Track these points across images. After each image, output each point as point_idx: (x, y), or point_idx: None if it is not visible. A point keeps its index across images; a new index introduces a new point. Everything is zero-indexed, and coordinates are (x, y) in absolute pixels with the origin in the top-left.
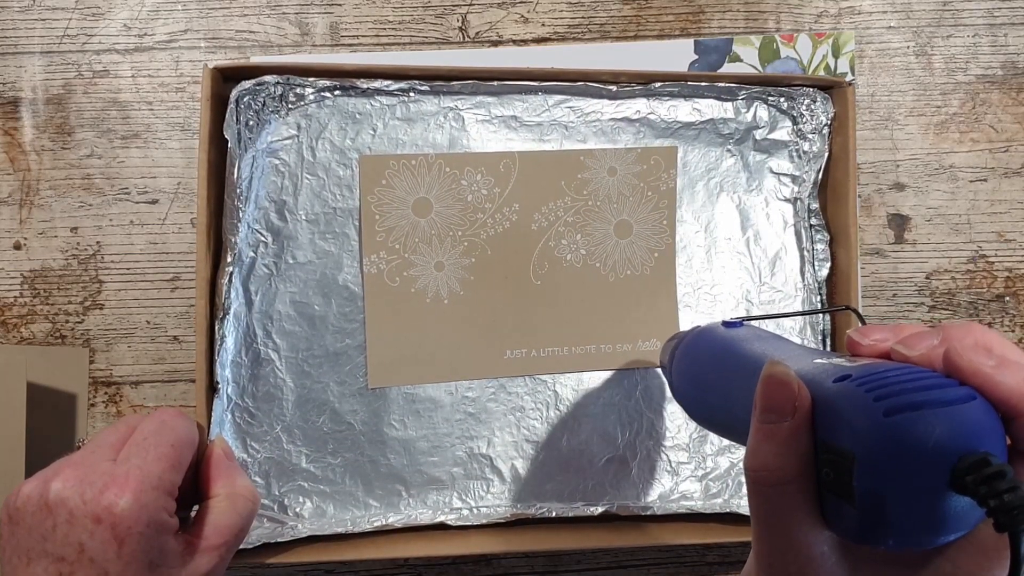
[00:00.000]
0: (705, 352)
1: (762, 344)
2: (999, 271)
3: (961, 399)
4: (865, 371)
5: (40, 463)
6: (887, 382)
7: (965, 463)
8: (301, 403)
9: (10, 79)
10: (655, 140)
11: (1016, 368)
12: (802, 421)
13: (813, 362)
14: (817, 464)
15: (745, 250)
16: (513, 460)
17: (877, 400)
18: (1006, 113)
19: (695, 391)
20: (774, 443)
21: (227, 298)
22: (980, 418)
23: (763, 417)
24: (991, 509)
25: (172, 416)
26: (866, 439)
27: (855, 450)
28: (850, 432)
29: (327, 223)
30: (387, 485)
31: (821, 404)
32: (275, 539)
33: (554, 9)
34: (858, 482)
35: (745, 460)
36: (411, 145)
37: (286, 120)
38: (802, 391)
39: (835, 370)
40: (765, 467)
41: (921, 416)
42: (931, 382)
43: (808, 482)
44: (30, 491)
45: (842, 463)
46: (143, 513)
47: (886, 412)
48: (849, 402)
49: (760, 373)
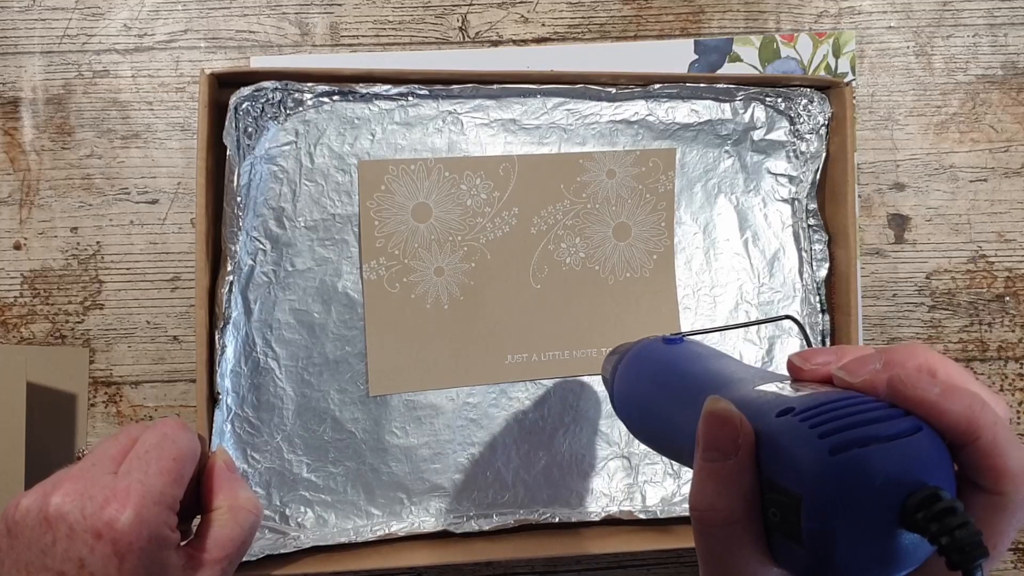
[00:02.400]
0: (645, 371)
1: (703, 364)
2: (999, 271)
3: (907, 431)
4: (808, 403)
5: (40, 463)
6: (831, 416)
7: (914, 500)
8: (301, 412)
9: (10, 79)
10: (653, 142)
11: (961, 394)
12: (746, 459)
13: (755, 390)
14: (763, 503)
15: (743, 251)
16: (515, 466)
17: (822, 437)
18: (1006, 113)
19: (636, 412)
20: (718, 482)
21: (227, 307)
22: (927, 451)
23: (706, 455)
24: (942, 547)
25: (174, 428)
26: (812, 480)
27: (801, 491)
28: (795, 472)
29: (326, 230)
30: (389, 493)
31: (765, 440)
32: (278, 550)
33: (554, 9)
34: (805, 524)
35: (690, 499)
36: (410, 150)
37: (284, 126)
38: (745, 427)
39: (777, 401)
40: (711, 507)
41: (867, 453)
42: (876, 414)
43: (755, 522)
44: (29, 504)
45: (788, 504)
46: (144, 528)
47: (831, 450)
48: (793, 440)
49: (701, 398)
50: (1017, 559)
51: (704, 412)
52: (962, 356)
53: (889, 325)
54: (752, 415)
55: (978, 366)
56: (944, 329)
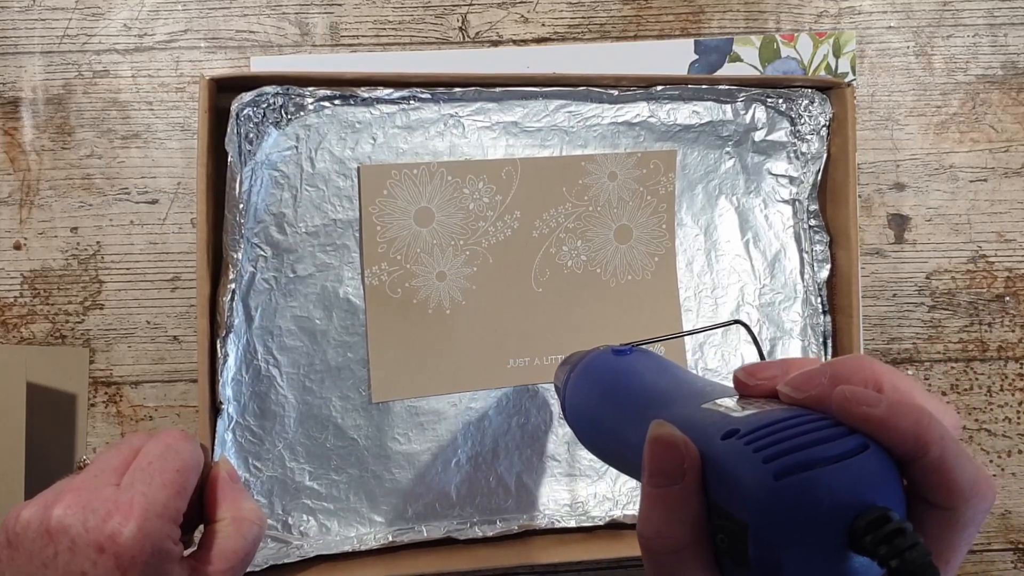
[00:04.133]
0: (595, 384)
1: (651, 378)
2: (999, 271)
3: (853, 451)
4: (752, 424)
5: (40, 463)
6: (775, 439)
7: (862, 522)
8: (303, 419)
9: (10, 79)
10: (655, 143)
11: (908, 409)
12: (692, 484)
13: (701, 408)
14: (711, 528)
15: (744, 253)
16: (518, 471)
17: (766, 461)
18: (1006, 113)
19: (586, 425)
20: (665, 508)
21: (229, 315)
22: (874, 470)
23: (652, 481)
24: (892, 570)
25: (177, 439)
26: (758, 506)
27: (747, 518)
28: (741, 498)
29: (327, 235)
30: (392, 500)
31: (710, 464)
32: (281, 560)
33: (554, 9)
34: (752, 551)
35: (638, 526)
36: (411, 153)
37: (285, 131)
38: (690, 451)
39: (723, 422)
40: (658, 534)
41: (812, 476)
42: (821, 434)
43: (703, 547)
44: (30, 516)
45: (735, 530)
46: (148, 542)
47: (776, 475)
48: (738, 464)
49: (647, 414)
50: (1017, 559)
51: (649, 437)
52: (962, 356)
53: (889, 325)
54: (697, 437)
55: (978, 366)
56: (944, 329)
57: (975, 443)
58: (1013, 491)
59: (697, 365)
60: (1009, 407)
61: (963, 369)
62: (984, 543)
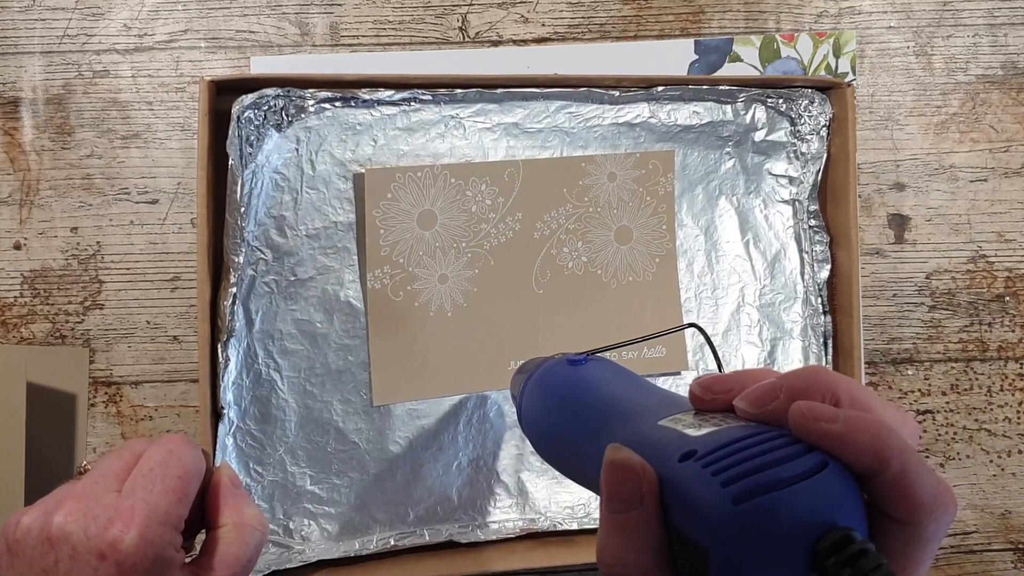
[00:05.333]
0: (550, 395)
1: (607, 390)
2: (999, 271)
3: (812, 470)
4: (710, 444)
5: (40, 463)
6: (733, 460)
7: (825, 543)
8: (304, 423)
9: (10, 79)
10: (655, 144)
11: (866, 424)
12: (651, 509)
13: (657, 425)
14: (672, 554)
15: (745, 253)
16: (520, 473)
17: (725, 485)
18: (1006, 113)
19: (542, 436)
20: (625, 534)
21: (230, 319)
22: (834, 489)
23: (610, 507)
24: None
25: (179, 444)
26: (717, 531)
27: (708, 543)
28: (700, 524)
29: (328, 238)
30: (394, 504)
31: (668, 487)
32: (283, 565)
33: (554, 9)
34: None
35: (597, 553)
36: (412, 155)
37: (286, 134)
38: (648, 476)
39: (680, 442)
40: (619, 561)
41: (773, 499)
42: (779, 453)
43: (664, 572)
44: (30, 523)
45: (696, 556)
46: (149, 549)
47: (735, 499)
48: (696, 488)
49: (603, 429)
50: (1017, 559)
51: (605, 462)
52: (962, 356)
53: (889, 325)
54: (654, 458)
55: (978, 366)
56: (944, 329)
57: (975, 443)
58: (1013, 491)
59: (698, 366)
60: (1009, 407)
61: (963, 369)
62: (984, 543)
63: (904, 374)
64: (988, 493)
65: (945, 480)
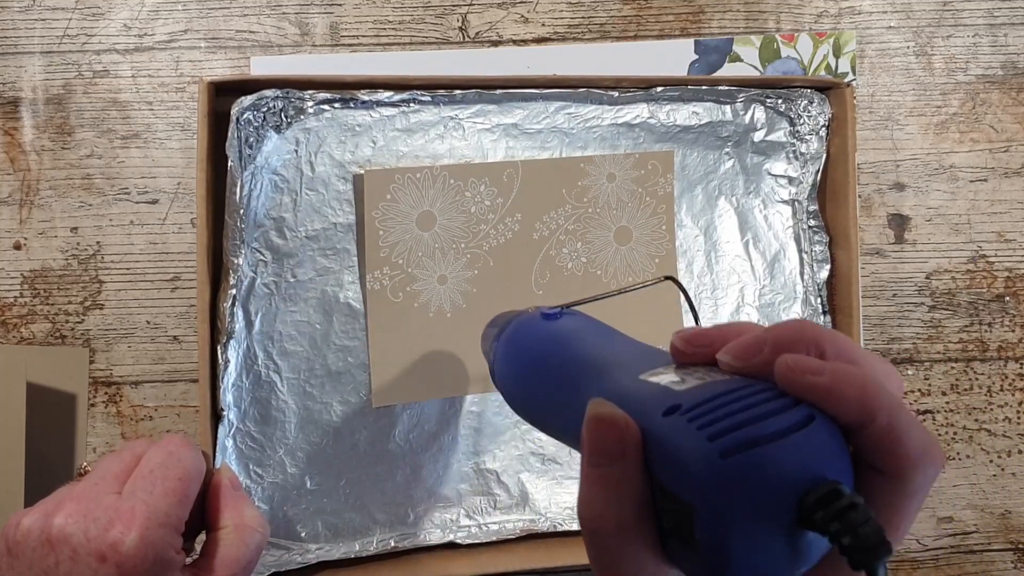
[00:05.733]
0: (524, 350)
1: (583, 345)
2: (999, 271)
3: (799, 424)
4: (695, 398)
5: (40, 463)
6: (720, 414)
7: (812, 498)
8: (304, 425)
9: (10, 79)
10: (655, 144)
11: (852, 377)
12: (634, 464)
13: (639, 379)
14: (656, 509)
15: (744, 253)
16: (519, 474)
17: (711, 439)
18: (1006, 113)
19: (517, 391)
20: (607, 489)
21: (229, 321)
22: (821, 442)
23: (592, 461)
24: (844, 547)
25: (179, 446)
26: (704, 487)
27: (694, 499)
28: (686, 479)
29: (327, 239)
30: (394, 505)
31: (652, 442)
32: (283, 567)
33: (554, 9)
34: (700, 533)
35: (578, 508)
36: (411, 156)
37: (285, 135)
38: (631, 431)
39: (664, 396)
40: (600, 516)
41: (760, 453)
42: (766, 407)
43: (647, 527)
44: (30, 524)
45: (682, 511)
46: (150, 551)
47: (722, 453)
48: (682, 443)
49: (581, 383)
50: (1017, 559)
51: (587, 417)
52: (962, 356)
53: (889, 325)
54: (637, 413)
55: (978, 366)
56: (944, 329)
57: (975, 443)
58: (1013, 491)
59: None
60: (1009, 407)
61: (963, 369)
62: (984, 543)
63: (904, 374)
64: (988, 493)
65: (933, 434)
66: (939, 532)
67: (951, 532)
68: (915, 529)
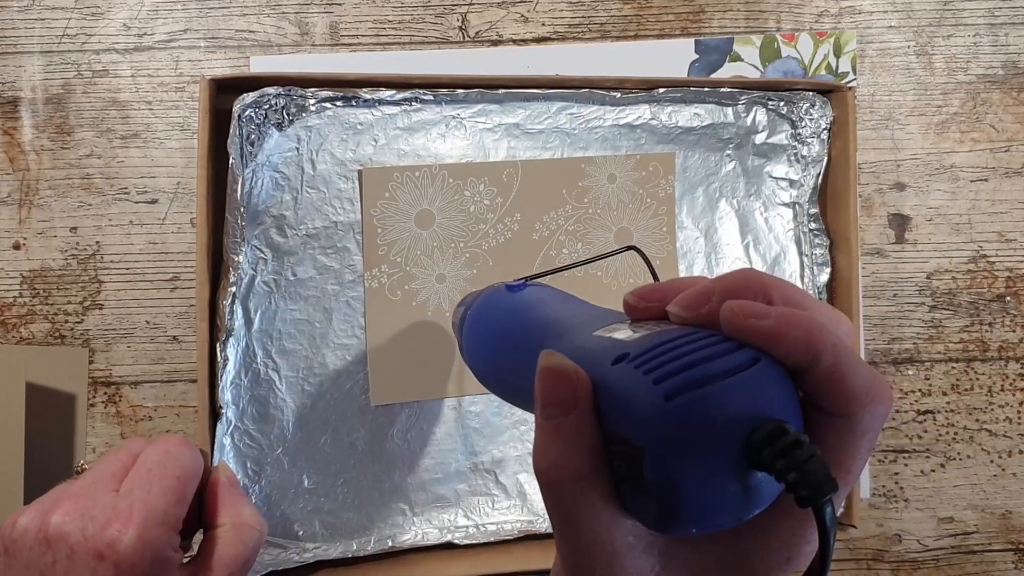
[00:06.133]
0: (490, 321)
1: (544, 311)
2: (1000, 271)
3: (744, 365)
4: (642, 346)
5: (40, 463)
6: (665, 359)
7: (758, 436)
8: (302, 423)
9: (10, 79)
10: (656, 146)
11: (797, 319)
12: (586, 413)
13: (592, 336)
14: (609, 455)
15: (744, 256)
16: (518, 474)
17: (656, 383)
18: (1007, 113)
19: (483, 364)
20: (560, 439)
21: (229, 319)
22: (767, 382)
23: (545, 412)
24: (790, 484)
25: (177, 445)
26: (651, 429)
27: (642, 442)
28: (634, 422)
29: (328, 237)
30: (392, 504)
31: (602, 390)
32: (281, 566)
33: (554, 8)
34: (649, 474)
35: (534, 460)
36: (413, 155)
37: (287, 133)
38: (581, 380)
39: (613, 348)
40: (554, 466)
41: (704, 393)
42: (711, 350)
43: (601, 475)
44: (27, 523)
45: (631, 455)
46: (148, 550)
47: (667, 395)
48: (629, 388)
49: (541, 348)
50: (1017, 559)
51: (539, 368)
52: (963, 356)
53: (890, 325)
54: (588, 365)
55: (979, 366)
56: (945, 329)
57: (976, 443)
58: (1013, 491)
59: None
60: (1010, 407)
61: (964, 369)
62: (984, 543)
63: (905, 374)
64: (989, 493)
65: (882, 375)
66: (940, 532)
67: (952, 532)
68: (915, 529)
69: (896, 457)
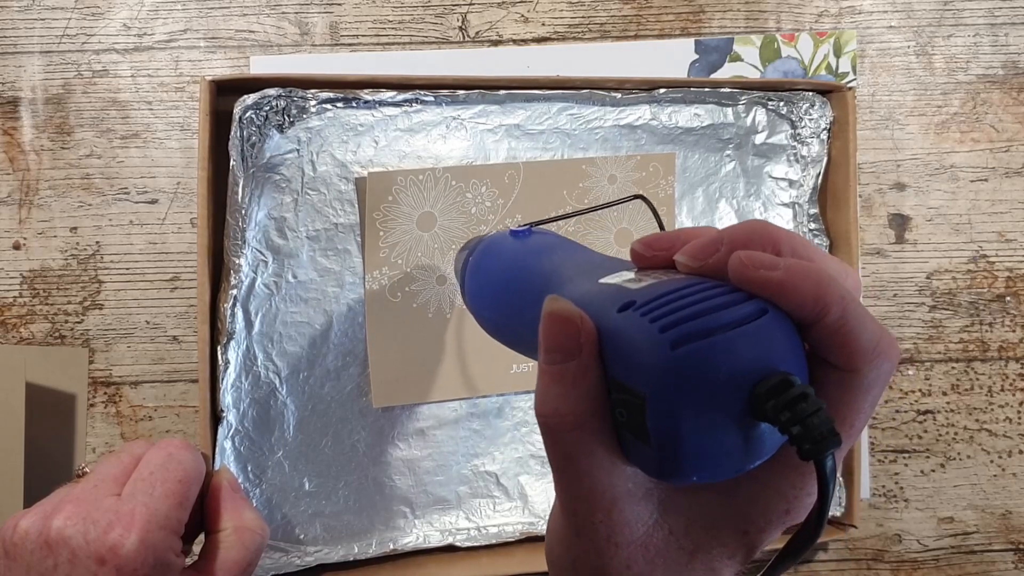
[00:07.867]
0: (494, 267)
1: (550, 257)
2: (1000, 271)
3: (751, 316)
4: (649, 294)
5: (40, 463)
6: (672, 308)
7: (763, 388)
8: (303, 426)
9: (10, 79)
10: (656, 146)
11: (806, 271)
12: (589, 359)
13: (598, 283)
14: (610, 403)
15: None
16: (519, 476)
17: (663, 331)
18: (1007, 113)
19: (486, 310)
20: (562, 385)
21: (230, 321)
22: (774, 334)
23: (548, 358)
24: (793, 437)
25: (179, 448)
26: (655, 377)
27: (645, 390)
28: (638, 370)
29: (328, 239)
30: (393, 507)
31: (607, 337)
32: (282, 570)
33: (554, 9)
34: (651, 423)
35: (536, 406)
36: (413, 157)
37: (287, 135)
38: (586, 326)
39: (619, 295)
40: (556, 412)
41: (710, 344)
42: (718, 300)
43: (603, 422)
44: (28, 526)
45: (634, 403)
46: (149, 554)
47: (673, 344)
48: (634, 336)
49: (546, 294)
50: (1017, 559)
51: (543, 313)
52: (963, 356)
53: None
54: (594, 312)
55: (979, 366)
56: (945, 329)
57: (976, 443)
58: (1014, 491)
59: None
60: (1010, 407)
61: (964, 369)
62: (985, 543)
63: (905, 374)
64: (989, 493)
65: (888, 330)
66: (940, 532)
67: (952, 532)
68: (915, 529)
69: (896, 457)
